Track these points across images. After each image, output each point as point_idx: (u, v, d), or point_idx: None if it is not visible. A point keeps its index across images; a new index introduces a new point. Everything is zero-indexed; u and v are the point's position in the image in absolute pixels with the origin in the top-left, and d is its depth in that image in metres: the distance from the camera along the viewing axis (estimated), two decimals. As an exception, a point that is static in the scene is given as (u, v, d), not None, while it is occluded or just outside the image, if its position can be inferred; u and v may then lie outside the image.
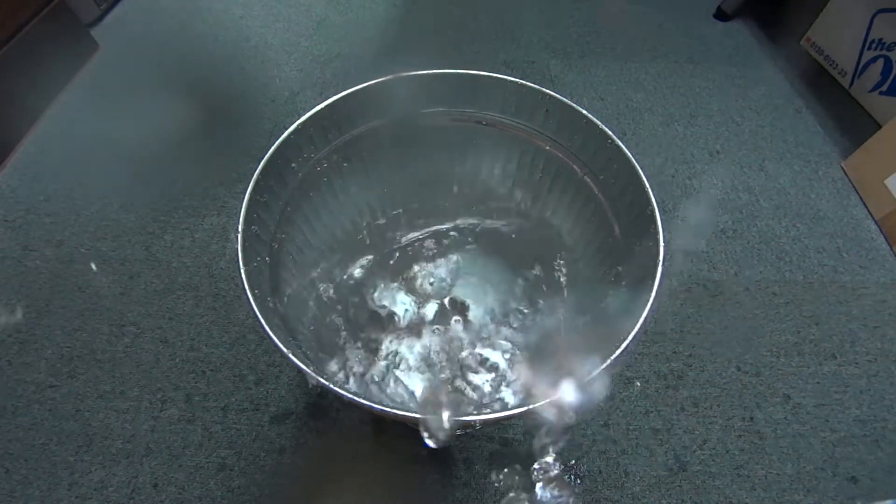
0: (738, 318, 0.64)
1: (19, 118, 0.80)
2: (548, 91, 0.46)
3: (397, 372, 0.55)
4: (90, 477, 0.51)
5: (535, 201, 0.56)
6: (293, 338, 0.39)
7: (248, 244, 0.38)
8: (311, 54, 0.97)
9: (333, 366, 0.52)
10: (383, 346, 0.57)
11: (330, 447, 0.54)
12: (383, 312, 0.59)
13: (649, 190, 0.40)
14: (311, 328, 0.49)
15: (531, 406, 0.31)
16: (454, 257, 0.63)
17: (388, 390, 0.54)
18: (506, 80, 0.47)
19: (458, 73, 0.47)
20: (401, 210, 0.60)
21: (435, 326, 0.58)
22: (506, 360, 0.55)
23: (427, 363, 0.55)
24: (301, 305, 0.48)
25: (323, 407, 0.56)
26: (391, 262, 0.61)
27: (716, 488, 0.52)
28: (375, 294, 0.60)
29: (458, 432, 0.54)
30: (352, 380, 0.52)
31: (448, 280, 0.61)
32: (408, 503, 0.52)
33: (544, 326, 0.57)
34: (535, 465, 0.49)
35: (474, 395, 0.53)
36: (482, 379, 0.54)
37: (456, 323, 0.58)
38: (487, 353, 0.56)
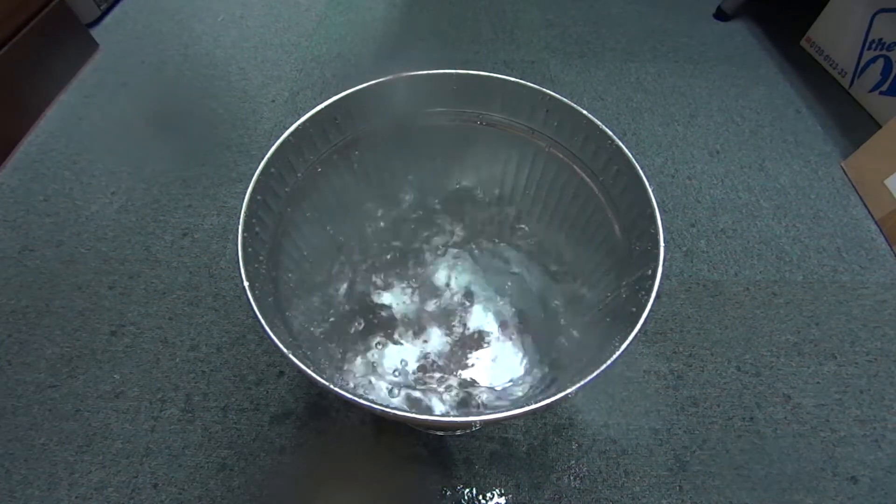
0: (738, 318, 0.64)
1: (19, 118, 0.81)
2: (548, 91, 0.46)
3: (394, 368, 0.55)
4: (90, 477, 0.51)
5: (534, 201, 0.56)
6: (293, 338, 0.39)
7: (248, 244, 0.38)
8: (311, 54, 0.97)
9: (333, 365, 0.52)
10: (383, 344, 0.57)
11: (330, 447, 0.54)
12: (383, 311, 0.59)
13: (649, 190, 0.40)
14: (312, 328, 0.49)
15: (532, 406, 0.30)
16: (455, 257, 0.63)
17: (385, 387, 0.54)
18: (506, 80, 0.47)
19: (458, 73, 0.47)
20: (401, 210, 0.60)
21: (434, 322, 0.58)
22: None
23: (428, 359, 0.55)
24: (301, 305, 0.48)
25: (323, 407, 0.56)
26: (391, 261, 0.61)
27: (716, 488, 0.52)
28: (375, 293, 0.60)
29: (458, 432, 0.54)
30: (352, 380, 0.52)
31: (449, 278, 0.61)
32: (408, 503, 0.52)
33: (545, 326, 0.57)
34: None
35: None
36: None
37: (457, 320, 0.58)
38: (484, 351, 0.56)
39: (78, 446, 0.53)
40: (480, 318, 0.59)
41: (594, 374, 0.32)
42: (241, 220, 0.38)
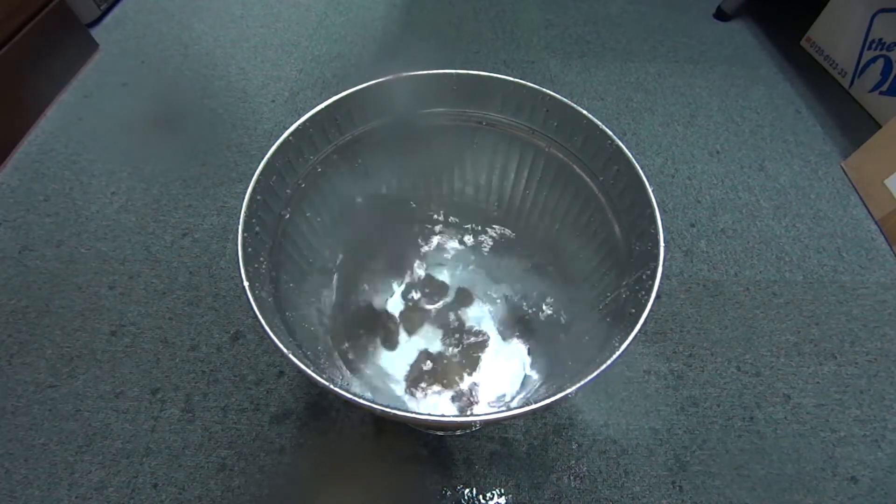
0: (738, 318, 0.64)
1: (19, 118, 0.81)
2: (548, 91, 0.46)
3: (394, 367, 0.55)
4: (90, 477, 0.51)
5: (535, 201, 0.56)
6: (293, 338, 0.39)
7: (248, 244, 0.38)
8: (311, 54, 0.97)
9: (333, 365, 0.52)
10: (382, 344, 0.57)
11: (330, 447, 0.54)
12: (382, 311, 0.59)
13: (649, 190, 0.40)
14: (312, 328, 0.49)
15: (532, 406, 0.31)
16: (454, 256, 0.63)
17: (386, 387, 0.54)
18: (506, 80, 0.47)
19: (458, 73, 0.47)
20: (401, 210, 0.60)
21: (435, 323, 0.58)
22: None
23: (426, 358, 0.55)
24: (301, 305, 0.48)
25: (323, 407, 0.56)
26: (390, 261, 0.61)
27: (716, 488, 0.52)
28: (375, 293, 0.60)
29: (458, 432, 0.54)
30: (352, 379, 0.52)
31: (449, 278, 0.61)
32: (408, 503, 0.52)
33: (545, 326, 0.57)
34: None
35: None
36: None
37: (457, 321, 0.58)
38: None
39: (78, 446, 0.53)
40: (480, 318, 0.59)
41: (594, 374, 0.32)
42: (241, 220, 0.38)
